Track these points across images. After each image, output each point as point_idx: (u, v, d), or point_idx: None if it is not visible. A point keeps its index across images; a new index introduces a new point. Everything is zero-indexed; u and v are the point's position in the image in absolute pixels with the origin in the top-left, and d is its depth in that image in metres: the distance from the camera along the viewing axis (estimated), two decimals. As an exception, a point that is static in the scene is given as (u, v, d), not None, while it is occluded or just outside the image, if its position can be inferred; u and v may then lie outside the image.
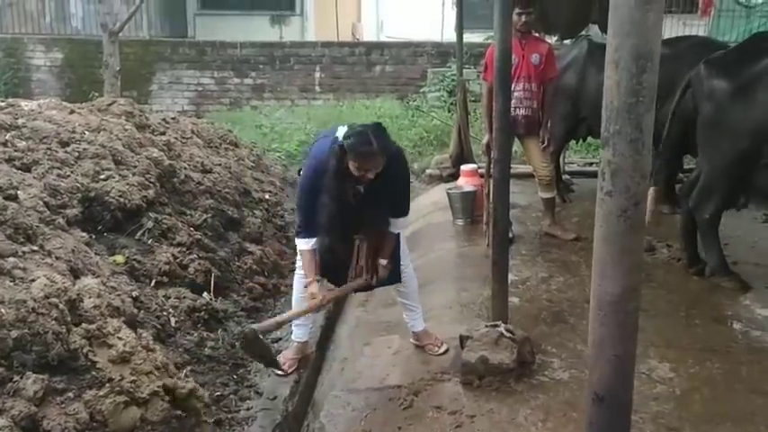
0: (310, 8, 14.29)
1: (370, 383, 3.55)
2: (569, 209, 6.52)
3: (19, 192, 3.28)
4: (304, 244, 3.22)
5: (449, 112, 9.90)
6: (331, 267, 3.36)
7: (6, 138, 3.89)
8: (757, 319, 4.06)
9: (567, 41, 7.76)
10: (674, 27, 11.79)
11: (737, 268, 4.70)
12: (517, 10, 5.11)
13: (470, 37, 9.67)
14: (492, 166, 3.60)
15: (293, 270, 4.88)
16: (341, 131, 3.11)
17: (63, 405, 2.40)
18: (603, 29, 7.58)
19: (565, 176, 7.36)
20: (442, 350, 3.70)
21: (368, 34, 15.62)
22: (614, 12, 1.19)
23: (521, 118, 5.30)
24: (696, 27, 11.37)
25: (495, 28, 3.27)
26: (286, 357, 3.60)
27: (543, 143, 5.40)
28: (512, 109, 4.61)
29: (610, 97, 1.22)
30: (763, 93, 4.00)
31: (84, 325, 2.70)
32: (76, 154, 4.01)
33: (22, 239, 2.99)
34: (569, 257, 5.08)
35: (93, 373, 2.59)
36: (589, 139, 7.22)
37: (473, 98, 8.32)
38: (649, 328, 3.87)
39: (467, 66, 9.23)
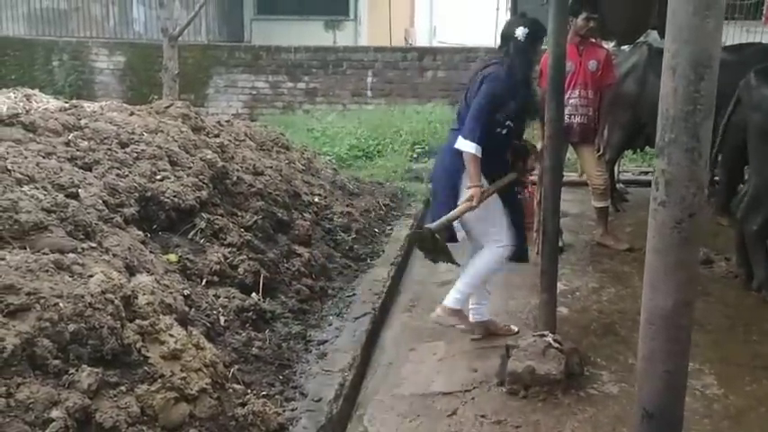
0: (364, 13, 14.40)
1: (415, 389, 3.54)
2: (622, 218, 6.38)
3: (80, 190, 3.40)
4: (476, 151, 3.46)
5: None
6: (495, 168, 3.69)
7: (69, 138, 4.04)
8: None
9: (624, 47, 7.60)
10: (736, 34, 11.42)
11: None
12: (585, 14, 5.04)
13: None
14: (543, 173, 3.56)
15: (341, 273, 4.94)
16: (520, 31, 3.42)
17: (116, 398, 2.46)
18: (663, 34, 7.40)
19: (619, 185, 7.21)
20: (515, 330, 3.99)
21: (421, 39, 15.64)
22: (672, 17, 1.15)
23: (576, 126, 5.21)
24: (760, 35, 10.97)
25: (550, 34, 3.23)
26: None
27: (598, 151, 5.31)
28: (567, 116, 4.55)
29: (666, 105, 1.19)
30: None
31: (137, 321, 2.76)
32: (135, 155, 4.12)
33: (81, 236, 3.09)
34: (621, 268, 4.97)
35: (146, 368, 2.65)
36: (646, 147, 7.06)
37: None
38: (705, 344, 3.76)
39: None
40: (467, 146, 3.48)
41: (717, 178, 6.75)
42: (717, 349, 3.69)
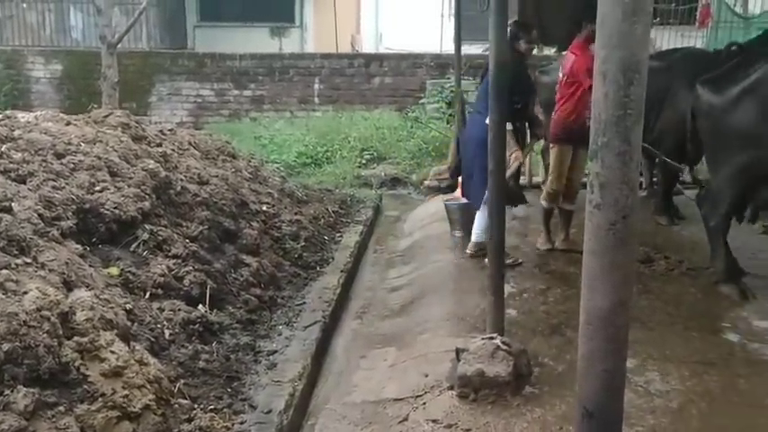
0: (310, 20, 14.36)
1: (366, 396, 3.52)
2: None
3: (13, 203, 3.27)
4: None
5: (447, 123, 9.91)
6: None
7: (2, 149, 3.89)
8: (755, 331, 4.03)
9: (565, 53, 7.78)
10: (672, 39, 11.83)
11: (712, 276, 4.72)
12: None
13: (468, 49, 9.70)
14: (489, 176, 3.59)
15: (291, 281, 4.89)
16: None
17: (54, 419, 2.38)
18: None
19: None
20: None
21: (367, 46, 15.68)
22: (602, 24, 1.18)
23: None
24: (694, 39, 11.41)
25: (491, 40, 3.28)
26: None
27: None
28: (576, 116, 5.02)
29: (598, 110, 1.21)
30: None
31: (76, 338, 2.68)
32: (72, 166, 4.00)
33: (15, 252, 2.97)
34: (567, 269, 5.07)
35: (85, 386, 2.57)
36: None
37: (471, 109, 8.32)
38: (647, 340, 3.86)
39: (465, 77, 9.25)
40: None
41: (655, 179, 6.99)
42: (658, 345, 3.78)
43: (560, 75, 5.33)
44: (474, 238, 5.37)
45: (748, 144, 4.25)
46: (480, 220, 5.19)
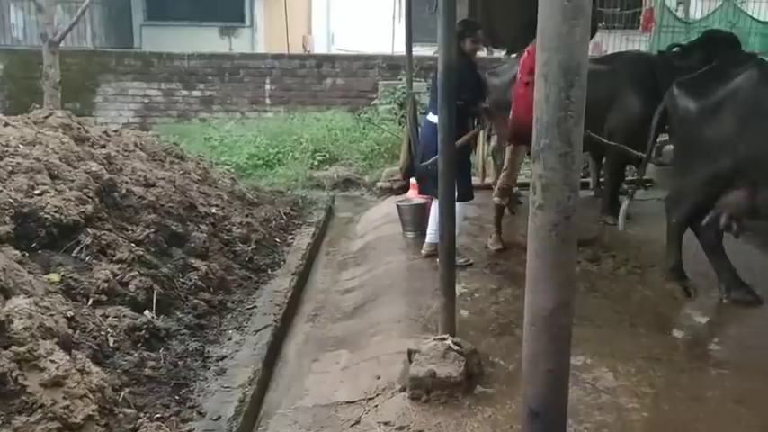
0: (260, 20, 14.20)
1: (318, 400, 3.49)
2: (516, 221, 6.59)
3: (-55, 208, 3.13)
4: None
5: (400, 124, 9.93)
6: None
7: (-66, 152, 3.72)
8: (697, 327, 4.16)
9: (514, 56, 7.88)
10: (617, 42, 12.15)
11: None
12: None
13: (420, 50, 9.75)
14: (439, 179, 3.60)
15: (241, 285, 4.82)
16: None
17: (-11, 433, 2.28)
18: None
19: (514, 189, 7.44)
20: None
21: (319, 47, 15.60)
22: (542, 27, 1.19)
23: None
24: (638, 42, 11.72)
25: (439, 42, 3.29)
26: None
27: None
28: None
29: (539, 111, 1.21)
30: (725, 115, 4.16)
31: (13, 348, 2.57)
32: (9, 168, 3.85)
33: (-53, 258, 2.84)
34: (517, 269, 5.12)
35: (24, 398, 2.47)
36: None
37: (423, 111, 8.35)
38: (595, 338, 3.93)
39: (417, 79, 9.28)
40: None
41: (602, 179, 7.14)
42: (606, 343, 3.85)
43: (518, 74, 5.40)
44: (428, 238, 5.40)
45: (722, 152, 4.18)
46: (434, 220, 5.22)
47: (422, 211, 5.95)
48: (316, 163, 9.19)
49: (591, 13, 1.17)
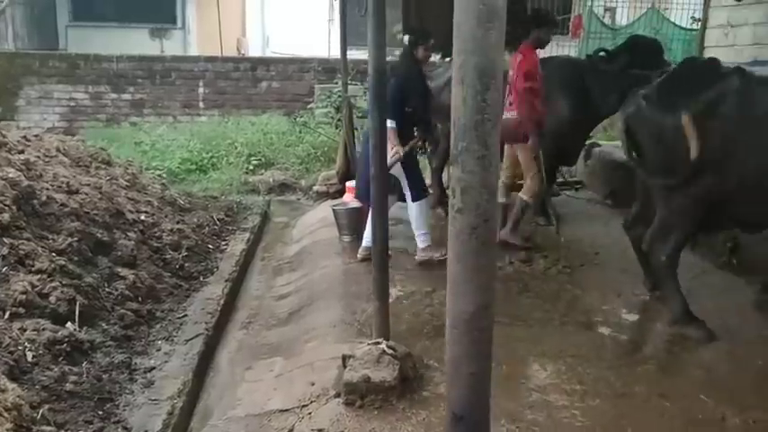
0: (192, 22, 13.91)
1: (251, 410, 3.42)
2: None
3: None
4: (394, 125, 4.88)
5: (336, 128, 9.90)
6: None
7: None
8: (624, 324, 4.28)
9: (448, 59, 7.98)
10: (548, 48, 12.43)
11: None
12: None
13: (356, 54, 9.74)
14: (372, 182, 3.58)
15: (171, 293, 4.68)
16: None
17: None
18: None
19: (448, 190, 7.53)
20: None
21: (254, 49, 15.39)
22: (457, 29, 1.18)
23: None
24: (568, 48, 12.04)
25: (369, 43, 3.28)
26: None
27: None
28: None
29: (457, 114, 1.21)
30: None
31: None
32: None
33: None
34: (452, 271, 5.16)
35: (-70, 420, 2.32)
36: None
37: (359, 114, 8.35)
38: (526, 338, 3.99)
39: (353, 82, 9.27)
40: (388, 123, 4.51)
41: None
42: (537, 342, 3.92)
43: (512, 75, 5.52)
44: (364, 242, 5.38)
45: (708, 171, 3.69)
46: (418, 224, 5.31)
47: (358, 214, 5.93)
48: (251, 167, 9.05)
49: (504, 15, 1.17)
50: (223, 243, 5.99)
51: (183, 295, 4.70)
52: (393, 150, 5.04)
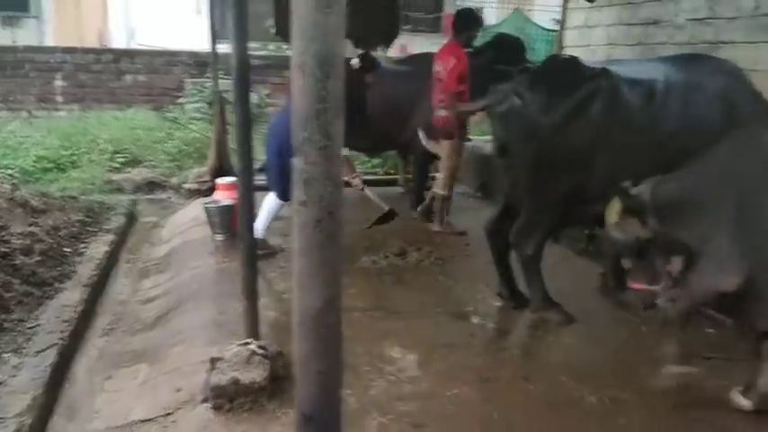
0: (48, 10, 12.93)
1: (111, 422, 3.22)
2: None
3: None
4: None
5: (210, 124, 9.56)
6: None
7: None
8: (492, 313, 4.43)
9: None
10: (422, 45, 12.72)
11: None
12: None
13: (228, 47, 9.47)
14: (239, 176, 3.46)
15: (21, 302, 4.30)
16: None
17: None
18: (355, 44, 7.89)
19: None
20: None
21: (118, 41, 14.54)
22: (296, 15, 1.14)
23: None
24: (440, 45, 12.34)
25: (232, 37, 3.17)
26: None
27: None
28: None
29: (298, 104, 1.17)
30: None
31: None
32: None
33: None
34: (327, 267, 5.13)
35: None
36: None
37: (232, 110, 8.11)
38: (399, 330, 4.04)
39: (225, 76, 8.97)
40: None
41: (410, 176, 7.42)
42: (410, 334, 3.97)
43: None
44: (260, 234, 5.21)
45: (578, 168, 3.85)
46: (260, 217, 5.13)
47: (231, 212, 5.75)
48: (116, 165, 8.53)
49: (344, 2, 1.14)
50: (82, 246, 5.61)
51: (36, 303, 4.34)
52: (355, 181, 5.44)
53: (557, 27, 8.95)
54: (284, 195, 5.10)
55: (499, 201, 4.55)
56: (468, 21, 5.98)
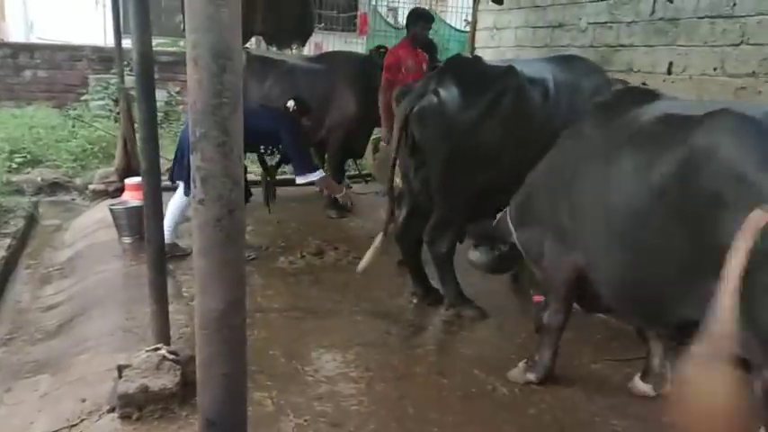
0: (-64, 1, 12.07)
1: (8, 437, 3.03)
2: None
3: None
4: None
5: (115, 122, 9.18)
6: None
7: None
8: (408, 310, 4.46)
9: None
10: (337, 44, 12.72)
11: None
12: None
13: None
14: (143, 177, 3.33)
15: None
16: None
17: None
18: (268, 41, 7.78)
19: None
20: None
21: (15, 35, 13.71)
22: (189, 6, 1.10)
23: None
24: (355, 44, 12.40)
25: (133, 30, 3.04)
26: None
27: None
28: None
29: (193, 98, 1.13)
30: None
31: None
32: None
33: None
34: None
35: None
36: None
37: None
38: (317, 330, 4.02)
39: (132, 73, 8.65)
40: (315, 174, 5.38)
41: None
42: (327, 334, 3.96)
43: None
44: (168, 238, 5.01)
45: (490, 164, 3.94)
46: (167, 218, 4.91)
47: (139, 213, 5.54)
48: (14, 165, 8.04)
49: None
50: (-23, 252, 5.26)
51: None
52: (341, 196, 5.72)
53: (468, 28, 9.15)
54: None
55: (407, 202, 4.47)
56: (412, 17, 6.24)
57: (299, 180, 5.41)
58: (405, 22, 6.47)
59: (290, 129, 5.29)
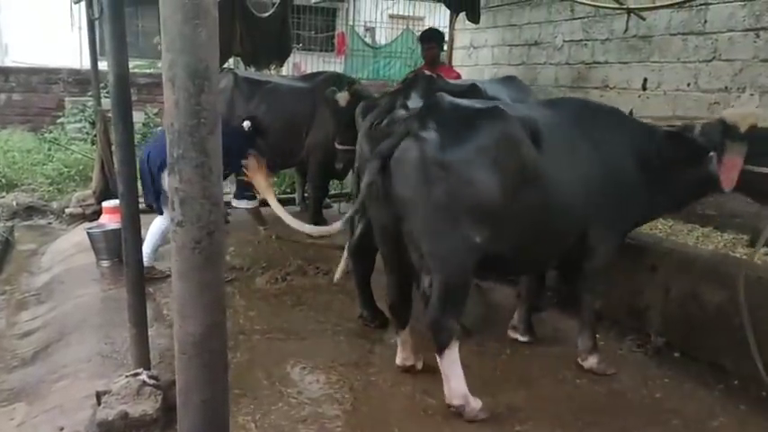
0: None
1: (-16, 469, 2.95)
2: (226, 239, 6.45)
3: None
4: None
5: (92, 144, 9.10)
6: None
7: None
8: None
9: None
10: (315, 63, 12.78)
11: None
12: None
13: (112, 65, 9.06)
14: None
15: None
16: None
17: None
18: (246, 62, 7.79)
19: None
20: None
21: (-10, 58, 13.61)
22: (164, 26, 1.08)
23: None
24: (333, 64, 12.46)
25: (108, 51, 3.01)
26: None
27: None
28: None
29: (170, 119, 1.11)
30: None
31: None
32: None
33: None
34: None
35: None
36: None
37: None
38: (299, 351, 3.97)
39: (108, 95, 8.60)
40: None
41: (306, 194, 7.36)
42: (310, 355, 3.90)
43: None
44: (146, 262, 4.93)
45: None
46: (148, 241, 4.98)
47: (117, 236, 5.47)
48: (-14, 191, 7.94)
49: (216, 14, 1.09)
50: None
51: None
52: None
53: (445, 48, 9.22)
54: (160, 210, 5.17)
55: (360, 226, 4.05)
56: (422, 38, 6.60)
57: (235, 204, 5.73)
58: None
59: (240, 150, 5.02)
